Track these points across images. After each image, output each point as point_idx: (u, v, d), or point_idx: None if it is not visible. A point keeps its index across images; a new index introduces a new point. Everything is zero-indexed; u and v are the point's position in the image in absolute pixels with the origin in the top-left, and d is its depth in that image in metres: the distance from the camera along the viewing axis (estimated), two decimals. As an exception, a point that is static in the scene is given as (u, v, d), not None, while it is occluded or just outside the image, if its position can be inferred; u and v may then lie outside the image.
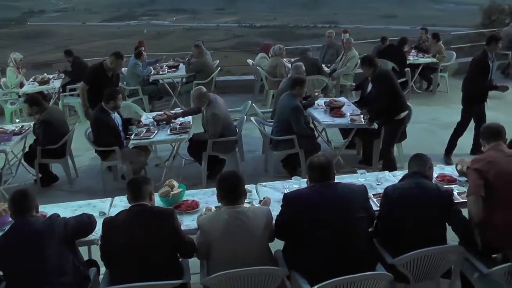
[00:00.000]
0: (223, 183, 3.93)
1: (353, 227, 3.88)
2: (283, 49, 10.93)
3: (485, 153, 4.36)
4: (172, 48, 43.22)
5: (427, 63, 11.85)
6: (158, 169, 7.84)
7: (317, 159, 4.07)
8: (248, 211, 3.89)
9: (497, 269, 3.87)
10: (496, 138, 4.36)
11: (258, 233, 3.84)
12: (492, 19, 20.58)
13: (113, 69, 8.14)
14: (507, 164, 4.15)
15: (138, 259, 3.76)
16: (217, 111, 7.06)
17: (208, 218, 3.97)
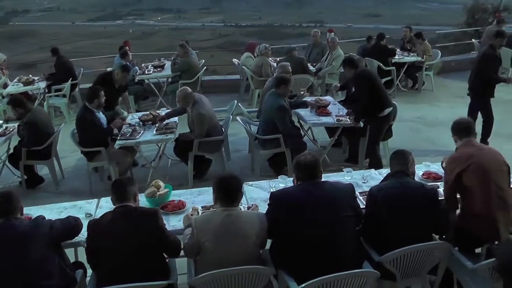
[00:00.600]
0: (222, 184, 3.90)
1: (340, 226, 3.88)
2: (269, 48, 10.94)
3: (460, 150, 4.54)
4: (158, 47, 42.98)
5: (412, 61, 11.92)
6: (144, 169, 7.83)
7: (303, 158, 4.08)
8: (243, 215, 3.90)
9: (482, 265, 3.93)
10: (468, 134, 4.55)
11: (251, 239, 3.82)
12: (476, 18, 20.81)
13: (119, 82, 8.16)
14: (481, 157, 4.34)
15: (124, 260, 3.75)
16: (203, 111, 7.06)
17: (201, 219, 3.95)
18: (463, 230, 4.30)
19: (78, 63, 12.59)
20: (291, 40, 37.18)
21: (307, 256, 3.83)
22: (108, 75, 8.28)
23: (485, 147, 4.64)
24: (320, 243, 3.83)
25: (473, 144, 4.51)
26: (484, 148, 4.59)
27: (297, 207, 3.88)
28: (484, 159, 4.32)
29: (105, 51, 26.31)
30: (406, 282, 4.31)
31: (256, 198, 4.89)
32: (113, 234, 3.76)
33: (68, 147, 8.07)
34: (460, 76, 13.44)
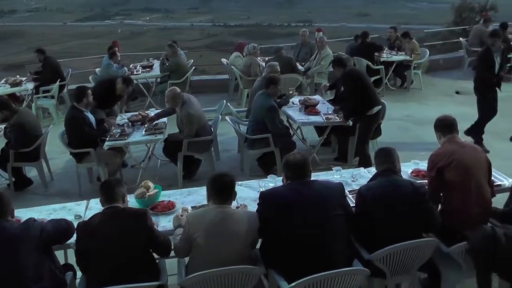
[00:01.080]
0: (216, 182, 3.92)
1: (330, 225, 3.90)
2: (257, 48, 10.94)
3: (442, 147, 4.63)
4: (146, 48, 42.86)
5: (400, 60, 11.98)
6: (134, 170, 7.81)
7: (293, 157, 4.09)
8: (235, 214, 3.90)
9: (455, 248, 4.12)
10: (451, 131, 4.63)
11: (242, 238, 3.83)
12: (463, 17, 20.97)
13: (119, 92, 8.11)
14: (463, 154, 4.43)
15: (113, 262, 3.75)
16: (192, 111, 7.05)
17: (195, 214, 3.99)
18: (444, 224, 4.36)
19: (66, 63, 12.51)
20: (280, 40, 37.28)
21: (297, 255, 3.84)
22: (111, 81, 8.19)
23: (467, 144, 4.69)
24: (310, 242, 3.84)
25: (456, 141, 4.59)
26: (466, 145, 4.64)
27: (287, 207, 3.89)
28: (465, 156, 4.42)
29: (94, 51, 26.18)
30: (396, 280, 4.33)
31: (245, 198, 4.88)
32: (102, 235, 3.75)
33: (57, 149, 8.04)
34: (448, 74, 13.60)
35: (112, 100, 8.15)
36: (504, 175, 5.17)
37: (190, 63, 11.55)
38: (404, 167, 5.29)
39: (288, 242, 3.88)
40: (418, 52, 12.17)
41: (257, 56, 10.86)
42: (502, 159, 6.91)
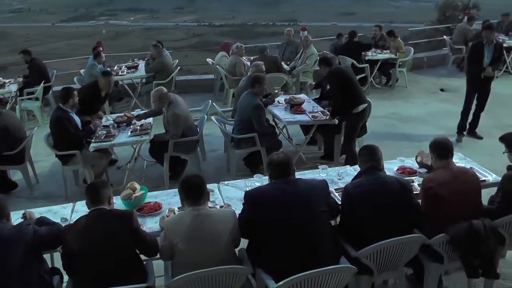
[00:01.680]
0: (185, 184, 3.93)
1: (316, 222, 3.92)
2: (242, 47, 10.94)
3: (437, 173, 4.47)
4: (132, 48, 42.77)
5: (385, 58, 12.04)
6: (120, 171, 7.77)
7: (276, 157, 4.14)
8: (212, 215, 3.89)
9: (436, 239, 4.18)
10: (447, 156, 4.47)
11: (223, 237, 3.84)
12: (447, 15, 21.10)
13: (104, 89, 8.03)
14: (455, 183, 4.32)
15: (100, 265, 3.73)
16: (178, 111, 7.04)
17: (172, 221, 3.96)
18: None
19: (51, 65, 12.42)
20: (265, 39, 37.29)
21: (283, 253, 3.84)
22: (94, 86, 8.12)
23: (460, 173, 4.48)
24: (295, 240, 3.85)
25: (451, 169, 4.45)
26: (459, 175, 4.44)
27: (272, 205, 3.90)
28: (458, 186, 4.31)
29: (78, 52, 26.01)
30: (383, 276, 4.38)
31: (232, 198, 4.89)
32: (88, 237, 3.73)
33: (42, 151, 7.97)
34: (432, 72, 13.71)
35: (98, 104, 8.08)
36: (488, 170, 5.25)
37: (175, 63, 11.53)
38: (389, 164, 5.36)
39: (274, 241, 3.88)
40: (403, 51, 12.25)
41: (242, 56, 10.87)
42: (486, 155, 6.99)
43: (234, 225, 3.92)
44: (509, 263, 5.19)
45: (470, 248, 4.15)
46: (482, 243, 4.13)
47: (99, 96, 8.01)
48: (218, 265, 3.70)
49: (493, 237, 4.20)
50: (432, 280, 4.47)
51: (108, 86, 8.07)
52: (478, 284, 4.80)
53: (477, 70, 8.33)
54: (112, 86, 8.17)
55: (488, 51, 8.35)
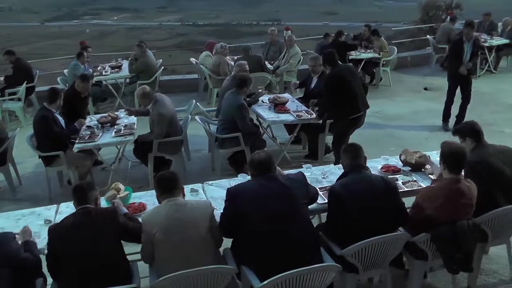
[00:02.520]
0: (159, 179, 4.07)
1: (297, 214, 3.99)
2: (226, 47, 10.94)
3: (442, 186, 4.32)
4: (116, 48, 42.44)
5: (369, 58, 12.13)
6: (104, 172, 7.71)
7: (257, 156, 4.20)
8: (187, 204, 3.94)
9: (420, 237, 4.23)
10: (458, 170, 4.30)
11: (200, 225, 3.87)
12: (430, 15, 21.27)
13: (84, 92, 7.91)
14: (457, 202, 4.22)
15: (85, 265, 3.72)
16: (163, 111, 7.02)
17: (149, 213, 4.05)
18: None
19: (34, 65, 12.27)
20: (249, 39, 37.34)
21: (266, 247, 3.87)
22: (71, 90, 7.97)
23: (465, 188, 4.27)
24: (278, 234, 3.88)
25: (457, 188, 4.24)
26: (464, 190, 4.27)
27: (252, 199, 3.96)
28: (457, 204, 4.24)
29: (62, 52, 25.80)
30: (369, 274, 4.42)
31: (216, 197, 4.89)
32: (74, 235, 3.74)
33: (25, 152, 7.88)
34: (416, 71, 13.83)
35: (81, 106, 7.93)
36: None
37: (159, 63, 11.49)
38: (374, 163, 5.41)
39: (255, 235, 3.91)
40: (386, 50, 12.35)
41: (226, 55, 10.85)
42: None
43: (210, 213, 3.99)
44: (492, 259, 5.26)
45: (453, 246, 4.20)
46: (465, 241, 4.19)
47: (80, 98, 7.88)
48: (198, 256, 3.77)
49: (475, 234, 4.26)
50: (417, 277, 4.53)
51: (85, 90, 7.92)
52: (461, 281, 4.87)
53: (458, 66, 8.68)
54: (89, 89, 8.03)
55: (468, 47, 8.67)
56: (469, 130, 4.85)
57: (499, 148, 4.83)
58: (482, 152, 4.72)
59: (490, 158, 4.66)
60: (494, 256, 5.27)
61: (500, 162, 4.67)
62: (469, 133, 4.82)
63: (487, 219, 4.43)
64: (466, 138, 4.81)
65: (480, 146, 4.77)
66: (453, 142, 4.49)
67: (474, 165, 4.58)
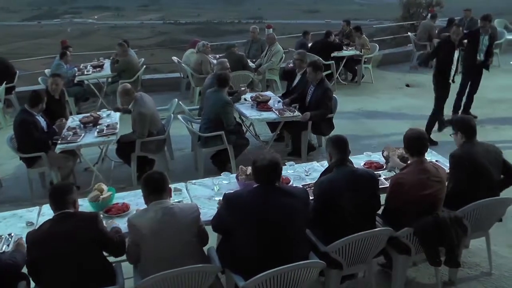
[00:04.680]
0: (146, 180, 3.95)
1: (292, 229, 3.90)
2: (208, 45, 10.92)
3: (407, 171, 4.45)
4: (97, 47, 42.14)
5: (351, 55, 12.18)
6: (87, 173, 7.64)
7: (260, 161, 3.92)
8: (174, 207, 3.90)
9: (403, 231, 4.29)
10: (421, 154, 4.45)
11: (186, 229, 3.85)
12: (411, 12, 21.42)
13: (56, 90, 7.75)
14: (418, 184, 4.32)
15: (67, 269, 3.70)
16: (144, 110, 6.98)
17: (136, 216, 3.96)
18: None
19: (13, 65, 12.12)
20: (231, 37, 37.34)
21: (256, 258, 3.81)
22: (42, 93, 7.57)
23: (431, 167, 4.44)
24: (270, 246, 3.82)
25: (422, 168, 4.39)
26: (430, 169, 4.42)
27: (249, 213, 3.81)
28: (426, 179, 4.35)
29: (43, 52, 25.55)
30: (353, 269, 4.45)
31: (199, 196, 4.89)
32: (53, 241, 3.68)
33: (5, 154, 7.82)
34: (397, 68, 13.95)
35: (56, 107, 7.69)
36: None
37: (141, 62, 11.44)
38: (356, 159, 5.45)
39: (247, 247, 3.85)
40: (368, 47, 12.42)
41: (208, 54, 10.84)
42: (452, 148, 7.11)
43: (197, 217, 3.94)
44: (473, 253, 5.35)
45: (435, 239, 4.26)
46: (447, 234, 4.24)
47: (54, 99, 7.69)
48: (184, 257, 3.74)
49: (457, 227, 4.32)
50: (401, 272, 4.58)
51: (55, 87, 7.72)
52: (444, 275, 4.94)
53: (475, 56, 8.93)
54: (59, 88, 7.82)
55: (485, 40, 8.98)
56: (464, 125, 4.90)
57: (486, 147, 4.88)
58: (470, 148, 4.77)
59: (477, 156, 4.72)
60: (475, 249, 5.36)
61: (487, 162, 4.74)
62: (463, 128, 4.87)
63: (466, 211, 4.49)
64: (458, 132, 4.87)
65: (470, 143, 4.82)
66: (415, 128, 4.64)
67: (458, 159, 4.68)
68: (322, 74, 7.79)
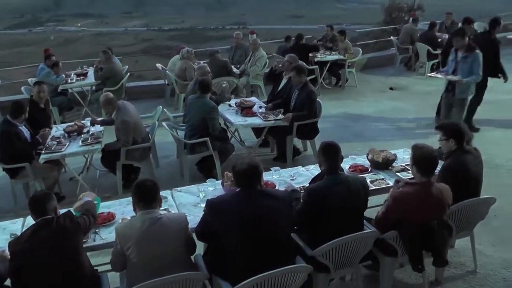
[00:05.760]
0: (138, 187, 3.91)
1: (277, 234, 3.91)
2: (192, 52, 10.90)
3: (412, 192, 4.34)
4: (81, 54, 41.94)
5: (334, 59, 12.24)
6: (72, 182, 7.57)
7: (240, 165, 3.97)
8: (163, 217, 3.87)
9: (389, 234, 4.33)
10: (431, 174, 4.37)
11: (175, 239, 3.84)
12: (393, 16, 21.63)
13: (42, 98, 7.67)
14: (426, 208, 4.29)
15: (53, 276, 3.68)
16: (127, 118, 6.96)
17: (124, 225, 3.95)
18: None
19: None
20: (215, 43, 37.33)
21: (241, 264, 3.81)
22: (30, 101, 7.64)
23: (437, 191, 4.35)
24: (255, 252, 3.83)
25: (428, 191, 4.32)
26: (437, 193, 4.34)
27: (232, 219, 3.81)
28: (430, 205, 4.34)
29: (27, 60, 25.35)
30: (340, 273, 4.48)
31: (185, 204, 4.89)
32: (36, 248, 3.66)
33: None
34: (381, 71, 14.06)
35: (40, 117, 7.62)
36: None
37: (125, 69, 11.39)
38: (342, 163, 5.45)
39: (232, 253, 3.85)
40: (351, 51, 12.51)
41: (192, 60, 10.79)
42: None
43: (184, 226, 3.92)
44: (458, 252, 5.42)
45: (420, 244, 4.30)
46: (434, 239, 4.28)
47: (39, 109, 7.64)
48: (172, 268, 3.71)
49: (443, 230, 4.36)
50: (388, 274, 4.62)
51: (42, 95, 7.66)
52: (431, 275, 5.00)
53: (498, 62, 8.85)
54: (45, 96, 7.77)
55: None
56: (457, 132, 4.91)
57: (475, 155, 4.92)
58: (463, 158, 4.81)
59: (469, 167, 4.77)
60: (461, 249, 5.42)
61: (477, 170, 4.85)
62: (456, 135, 4.88)
63: (451, 212, 4.55)
64: (450, 139, 4.88)
65: (461, 150, 4.86)
66: (424, 145, 4.46)
67: (451, 171, 4.71)
68: (306, 78, 7.83)
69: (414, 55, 13.90)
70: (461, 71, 7.89)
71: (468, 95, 8.10)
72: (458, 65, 7.96)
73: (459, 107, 8.08)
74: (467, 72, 7.83)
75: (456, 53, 8.02)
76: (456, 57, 8.00)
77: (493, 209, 4.98)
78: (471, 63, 7.80)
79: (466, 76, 7.82)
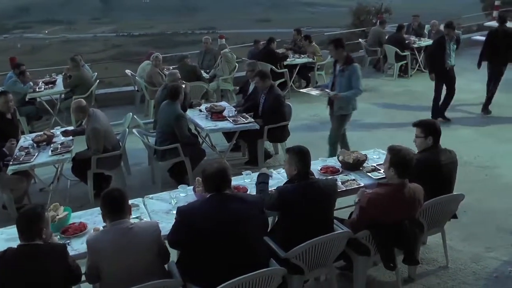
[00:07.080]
0: (105, 198, 3.85)
1: (249, 237, 3.91)
2: (159, 57, 10.77)
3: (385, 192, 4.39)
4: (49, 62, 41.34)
5: (303, 63, 12.33)
6: (43, 193, 7.47)
7: (209, 169, 3.99)
8: (134, 227, 3.82)
9: (361, 233, 4.42)
10: (407, 176, 4.41)
11: (147, 249, 3.80)
12: (361, 19, 21.86)
13: (9, 109, 7.44)
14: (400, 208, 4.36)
15: None
16: (97, 126, 6.89)
17: (94, 238, 3.85)
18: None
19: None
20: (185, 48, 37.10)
21: (215, 269, 3.81)
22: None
23: (410, 192, 4.42)
24: (228, 256, 3.82)
25: (400, 193, 4.37)
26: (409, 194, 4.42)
27: (205, 224, 3.79)
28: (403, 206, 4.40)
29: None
30: (314, 273, 4.53)
31: (157, 211, 4.86)
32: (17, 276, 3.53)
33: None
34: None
35: (6, 127, 7.42)
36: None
37: (94, 76, 11.28)
38: (312, 165, 5.48)
39: (204, 258, 3.85)
40: (319, 54, 12.62)
41: (158, 66, 10.65)
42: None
43: (157, 235, 3.88)
44: (430, 249, 5.56)
45: (393, 242, 4.39)
46: (406, 237, 4.37)
47: (5, 119, 7.43)
48: (146, 278, 3.67)
49: (415, 228, 4.44)
50: (361, 272, 4.69)
51: (10, 105, 7.45)
52: (404, 272, 5.11)
53: (443, 62, 9.40)
54: (12, 106, 7.55)
55: (451, 45, 9.50)
56: (435, 130, 5.02)
57: (449, 155, 5.03)
58: (436, 154, 4.94)
59: (441, 163, 4.90)
60: (432, 245, 5.57)
61: (450, 169, 4.98)
62: (435, 132, 5.00)
63: (422, 209, 4.63)
64: (429, 136, 4.97)
65: (436, 148, 4.98)
66: (401, 147, 4.47)
67: (422, 163, 4.77)
68: (271, 82, 7.89)
69: (383, 57, 14.11)
70: (339, 85, 7.23)
71: (350, 111, 7.47)
72: (336, 79, 7.34)
73: (336, 123, 7.60)
74: (345, 86, 7.15)
75: (335, 66, 7.43)
76: (335, 70, 7.41)
77: (462, 205, 5.13)
78: (349, 76, 7.12)
79: (345, 90, 7.15)
